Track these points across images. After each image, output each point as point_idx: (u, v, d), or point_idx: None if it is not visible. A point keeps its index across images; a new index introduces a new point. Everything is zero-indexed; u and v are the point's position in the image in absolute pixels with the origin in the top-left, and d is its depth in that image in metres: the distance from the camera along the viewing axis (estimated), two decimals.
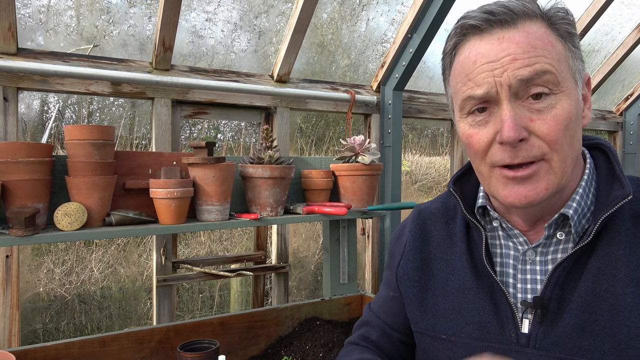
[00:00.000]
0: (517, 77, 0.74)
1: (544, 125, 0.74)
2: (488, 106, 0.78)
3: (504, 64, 0.75)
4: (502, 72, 0.75)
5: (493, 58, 0.76)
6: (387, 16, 2.53)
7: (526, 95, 0.75)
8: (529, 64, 0.74)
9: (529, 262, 0.84)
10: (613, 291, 0.75)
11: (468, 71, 0.79)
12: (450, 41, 0.84)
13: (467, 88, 0.79)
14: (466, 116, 0.81)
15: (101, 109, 2.90)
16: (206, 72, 2.11)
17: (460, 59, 0.81)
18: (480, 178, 0.85)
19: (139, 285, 3.05)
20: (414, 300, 0.96)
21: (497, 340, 0.83)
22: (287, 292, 2.39)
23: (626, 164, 3.81)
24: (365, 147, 1.98)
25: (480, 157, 0.80)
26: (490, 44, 0.77)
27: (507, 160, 0.76)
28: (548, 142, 0.75)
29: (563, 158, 0.76)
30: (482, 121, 0.79)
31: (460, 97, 0.81)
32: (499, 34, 0.76)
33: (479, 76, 0.77)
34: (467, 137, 0.81)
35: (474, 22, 0.78)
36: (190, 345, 1.45)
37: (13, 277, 1.75)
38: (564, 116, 0.75)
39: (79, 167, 1.43)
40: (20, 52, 1.74)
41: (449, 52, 0.84)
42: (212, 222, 1.61)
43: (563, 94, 0.75)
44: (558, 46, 0.77)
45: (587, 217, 0.82)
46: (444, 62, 0.87)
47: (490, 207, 0.88)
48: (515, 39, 0.75)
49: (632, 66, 3.47)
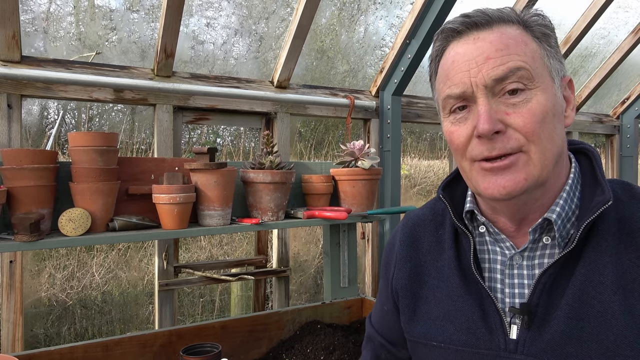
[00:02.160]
0: (492, 77, 0.77)
1: (520, 118, 0.77)
2: (467, 104, 0.81)
3: (478, 63, 0.78)
4: (477, 73, 0.78)
5: (469, 57, 0.79)
6: (385, 21, 2.56)
7: (502, 91, 0.78)
8: (502, 63, 0.77)
9: (516, 266, 0.84)
10: (600, 298, 0.76)
11: (447, 71, 0.83)
12: (434, 47, 0.88)
13: (446, 87, 0.82)
14: (448, 115, 0.84)
15: (100, 114, 2.92)
16: (207, 79, 2.13)
17: (442, 62, 0.85)
18: (463, 175, 0.87)
19: (140, 290, 3.06)
20: (406, 309, 0.96)
21: (486, 346, 0.83)
22: (288, 296, 2.40)
23: (623, 167, 3.83)
24: (365, 152, 2.00)
25: (461, 152, 0.83)
26: (466, 44, 0.81)
27: (485, 153, 0.78)
28: (524, 134, 0.77)
29: (542, 150, 0.77)
30: (462, 118, 0.82)
31: (441, 97, 0.84)
32: (475, 35, 0.80)
33: (456, 76, 0.80)
34: (449, 134, 0.84)
35: (452, 25, 0.82)
36: (192, 349, 1.46)
37: (17, 282, 1.77)
38: (539, 109, 0.77)
39: (83, 173, 1.45)
40: (24, 60, 1.76)
41: (434, 58, 0.88)
42: (214, 226, 1.62)
43: (538, 89, 0.78)
44: (532, 45, 0.80)
45: (572, 221, 0.82)
46: (430, 69, 0.91)
47: (477, 211, 0.89)
48: (489, 38, 0.79)
49: (628, 70, 3.50)
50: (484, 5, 0.84)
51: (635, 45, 3.19)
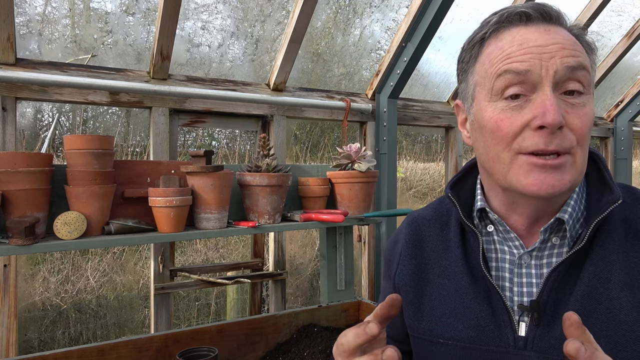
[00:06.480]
0: (565, 64, 0.75)
1: (578, 119, 0.76)
2: (523, 93, 0.77)
3: (552, 50, 0.76)
4: (550, 58, 0.76)
5: (542, 43, 0.77)
6: (381, 24, 2.57)
7: (563, 88, 0.77)
8: (575, 55, 0.76)
9: (525, 266, 0.85)
10: (608, 295, 0.77)
11: (510, 51, 0.78)
12: (485, 29, 0.83)
13: (506, 64, 0.77)
14: (498, 100, 0.79)
15: (95, 117, 2.91)
16: (203, 81, 2.12)
17: (499, 43, 0.80)
18: (497, 167, 0.82)
19: (135, 294, 3.05)
20: (410, 305, 0.97)
21: (495, 343, 0.84)
22: (285, 299, 2.40)
23: (617, 170, 3.85)
24: (361, 154, 2.00)
25: (507, 142, 0.78)
26: (537, 32, 0.78)
27: (541, 145, 0.75)
28: (578, 137, 0.76)
29: (584, 155, 0.78)
30: (517, 106, 0.77)
31: (493, 74, 0.79)
32: (545, 27, 0.79)
33: (524, 56, 0.76)
34: (495, 121, 0.79)
35: (523, 9, 0.79)
36: (189, 353, 1.46)
37: (11, 286, 1.75)
38: (590, 116, 0.77)
39: (79, 176, 1.44)
40: (18, 62, 1.76)
41: (478, 40, 0.84)
42: (210, 230, 1.62)
43: (590, 96, 0.78)
44: (586, 55, 0.81)
45: (580, 222, 0.84)
46: (468, 55, 0.86)
47: (489, 209, 0.90)
48: (561, 33, 0.78)
49: (622, 73, 3.52)
50: (482, 8, 0.84)
51: (629, 48, 3.22)
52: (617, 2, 3.00)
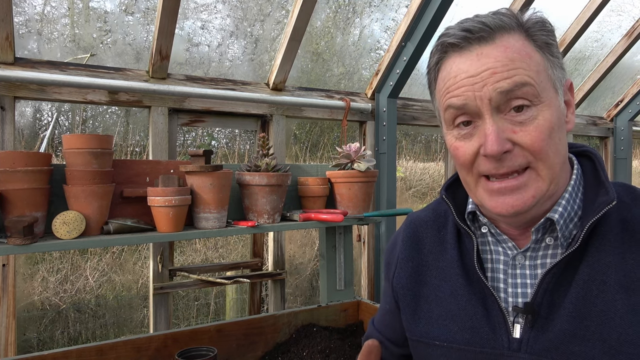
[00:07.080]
0: (497, 89, 0.76)
1: (527, 136, 0.76)
2: (472, 120, 0.80)
3: (483, 78, 0.77)
4: (482, 87, 0.77)
5: (473, 73, 0.78)
6: (380, 24, 2.57)
7: (507, 108, 0.77)
8: (508, 77, 0.76)
9: (519, 266, 0.85)
10: (603, 297, 0.76)
11: (448, 85, 0.81)
12: (433, 57, 0.86)
13: (447, 98, 0.81)
14: (452, 129, 0.83)
15: (94, 117, 2.91)
16: (203, 81, 2.12)
17: (442, 74, 0.83)
18: (467, 188, 0.87)
19: (134, 293, 3.05)
20: (407, 307, 0.97)
21: (489, 345, 0.84)
22: (284, 299, 2.40)
23: (617, 170, 3.85)
24: (361, 154, 2.00)
25: (467, 168, 0.83)
26: (469, 60, 0.79)
27: (492, 170, 0.79)
28: (532, 152, 0.77)
29: (550, 165, 0.78)
30: (467, 134, 0.81)
31: (442, 107, 0.83)
32: (478, 51, 0.79)
33: (458, 90, 0.79)
34: (454, 149, 0.84)
35: (453, 40, 0.80)
36: (188, 353, 1.45)
37: (9, 286, 1.75)
38: (546, 126, 0.76)
39: (77, 175, 1.43)
40: (17, 62, 1.75)
41: (433, 67, 0.87)
42: (209, 229, 1.61)
43: (543, 104, 0.77)
44: (536, 57, 0.79)
45: (574, 222, 0.83)
46: (429, 77, 0.89)
47: (479, 212, 0.90)
48: (494, 54, 0.77)
49: (622, 73, 3.52)
50: (481, 7, 0.84)
51: (629, 48, 3.21)
52: (617, 1, 3.00)
